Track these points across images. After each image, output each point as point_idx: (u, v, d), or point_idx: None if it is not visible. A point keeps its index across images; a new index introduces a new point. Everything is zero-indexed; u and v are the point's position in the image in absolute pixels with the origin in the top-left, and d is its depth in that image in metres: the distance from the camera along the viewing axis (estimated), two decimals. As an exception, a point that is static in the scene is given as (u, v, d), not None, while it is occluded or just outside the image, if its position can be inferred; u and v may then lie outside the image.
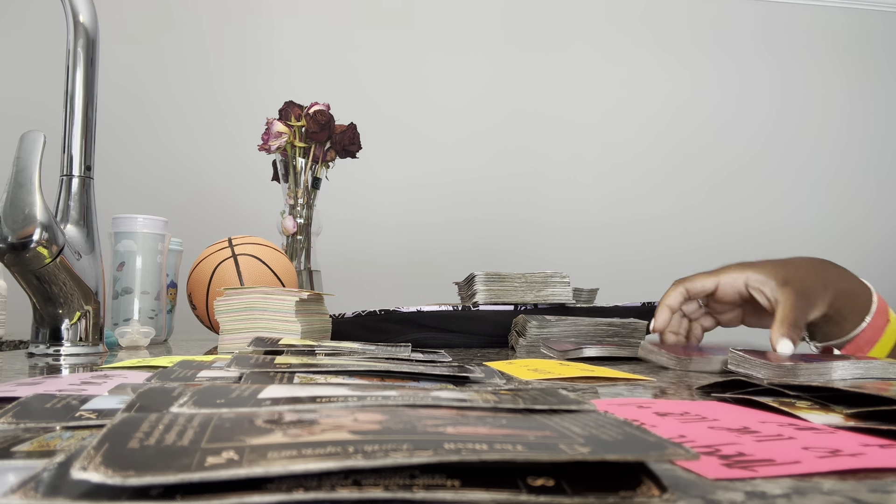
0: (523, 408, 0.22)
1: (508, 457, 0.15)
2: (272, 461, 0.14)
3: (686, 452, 0.16)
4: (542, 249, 1.83)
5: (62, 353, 0.64)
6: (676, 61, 1.93)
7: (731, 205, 1.92)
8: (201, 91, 1.73)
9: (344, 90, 1.76)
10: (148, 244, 0.88)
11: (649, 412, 0.29)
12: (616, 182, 1.88)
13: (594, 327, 0.78)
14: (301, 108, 1.16)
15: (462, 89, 1.83)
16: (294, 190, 1.15)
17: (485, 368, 0.44)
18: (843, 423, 0.27)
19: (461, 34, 1.84)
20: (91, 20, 0.68)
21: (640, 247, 1.87)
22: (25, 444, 0.20)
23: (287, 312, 0.68)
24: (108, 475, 0.13)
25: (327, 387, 0.27)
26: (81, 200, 0.67)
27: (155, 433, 0.17)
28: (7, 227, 0.57)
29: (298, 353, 0.46)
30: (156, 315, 0.89)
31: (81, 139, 0.68)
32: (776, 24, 1.98)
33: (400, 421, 0.19)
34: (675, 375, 0.50)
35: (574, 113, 1.87)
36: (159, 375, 0.34)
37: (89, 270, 0.66)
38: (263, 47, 1.76)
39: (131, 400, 0.23)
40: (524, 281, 0.93)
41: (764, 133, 1.95)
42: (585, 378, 0.46)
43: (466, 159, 1.82)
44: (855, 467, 0.20)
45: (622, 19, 1.92)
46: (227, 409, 0.21)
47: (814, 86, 1.98)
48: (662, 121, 1.91)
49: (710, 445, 0.22)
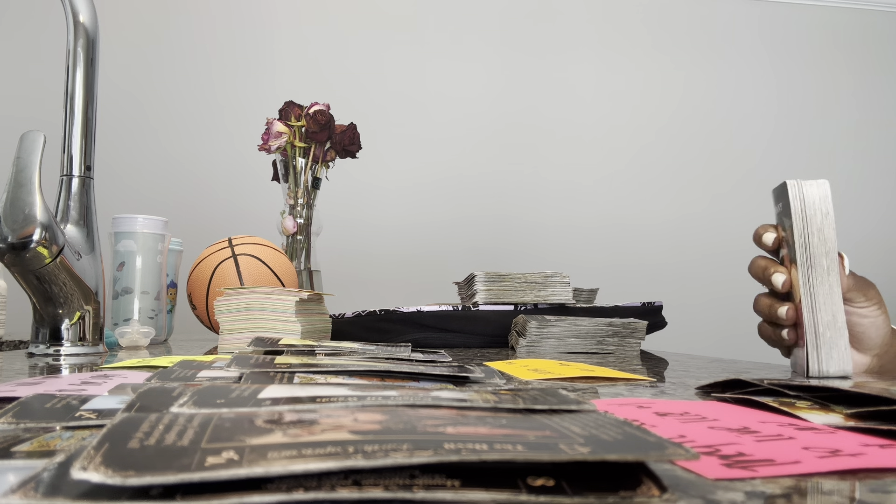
0: (523, 408, 0.22)
1: (508, 457, 0.15)
2: (272, 461, 0.14)
3: (686, 452, 0.16)
4: (542, 250, 1.83)
5: (62, 353, 0.64)
6: (676, 62, 1.93)
7: (731, 205, 1.92)
8: (201, 91, 1.73)
9: (344, 90, 1.77)
10: (148, 244, 0.88)
11: (649, 412, 0.29)
12: (616, 182, 1.88)
13: (594, 327, 0.78)
14: (301, 108, 1.16)
15: (462, 90, 1.83)
16: (294, 190, 1.15)
17: (485, 368, 0.44)
18: (843, 423, 0.27)
19: (461, 35, 1.84)
20: (91, 20, 0.68)
21: (640, 247, 1.87)
22: (25, 444, 0.20)
23: (287, 312, 0.68)
24: (108, 475, 0.13)
25: (327, 387, 0.27)
26: (81, 200, 0.67)
27: (155, 433, 0.17)
28: (7, 227, 0.57)
29: (298, 353, 0.46)
30: (156, 315, 0.89)
31: (81, 139, 0.68)
32: (775, 25, 1.98)
33: (400, 421, 0.19)
34: (675, 375, 0.50)
35: (574, 113, 1.87)
36: (159, 375, 0.34)
37: (89, 270, 0.66)
38: (264, 48, 1.76)
39: (131, 400, 0.23)
40: (524, 281, 0.93)
41: (764, 134, 1.95)
42: (585, 378, 0.46)
43: (466, 159, 1.82)
44: (855, 467, 0.20)
45: (622, 20, 1.92)
46: (227, 409, 0.21)
47: (814, 86, 1.98)
48: (662, 121, 1.91)
49: (710, 445, 0.22)
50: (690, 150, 1.92)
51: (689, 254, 1.89)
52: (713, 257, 1.90)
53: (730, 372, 0.52)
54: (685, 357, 0.71)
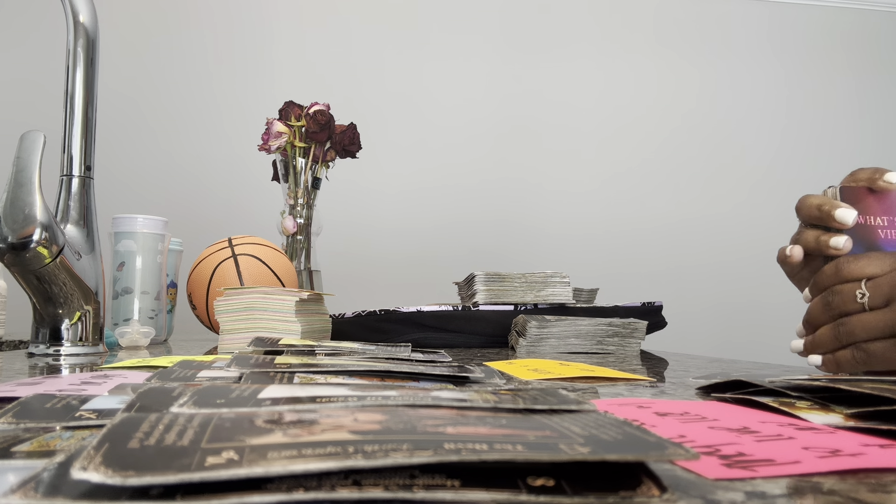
0: (523, 408, 0.22)
1: (508, 457, 0.15)
2: (272, 461, 0.14)
3: (686, 452, 0.16)
4: (543, 250, 1.83)
5: (62, 353, 0.64)
6: (677, 62, 1.93)
7: (732, 206, 1.92)
8: (201, 91, 1.73)
9: (344, 91, 1.77)
10: (148, 244, 0.88)
11: (649, 412, 0.29)
12: (616, 183, 1.88)
13: (594, 327, 0.78)
14: (301, 108, 1.16)
15: (462, 90, 1.83)
16: (294, 190, 1.15)
17: (485, 368, 0.44)
18: (843, 423, 0.27)
19: (461, 35, 1.84)
20: (91, 20, 0.68)
21: (639, 247, 1.87)
22: (25, 444, 0.20)
23: (287, 312, 0.68)
24: (108, 475, 0.13)
25: (327, 387, 0.27)
26: (81, 200, 0.67)
27: (155, 433, 0.17)
28: (7, 227, 0.57)
29: (298, 353, 0.46)
30: (156, 315, 0.89)
31: (81, 139, 0.68)
32: (775, 25, 1.98)
33: (400, 421, 0.19)
34: (674, 375, 0.50)
35: (574, 114, 1.87)
36: (159, 375, 0.34)
37: (89, 270, 0.66)
38: (264, 48, 1.76)
39: (131, 400, 0.23)
40: (524, 281, 0.93)
41: (766, 135, 1.95)
42: (585, 378, 0.46)
43: (466, 159, 1.82)
44: (855, 467, 0.20)
45: (622, 21, 1.92)
46: (227, 409, 0.21)
47: (814, 86, 1.98)
48: (663, 123, 1.91)
49: (710, 445, 0.22)
50: (692, 150, 1.92)
51: (689, 254, 1.89)
52: (713, 257, 1.90)
53: (729, 372, 0.52)
54: (685, 357, 0.71)
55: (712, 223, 1.91)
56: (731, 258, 1.90)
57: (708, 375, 0.41)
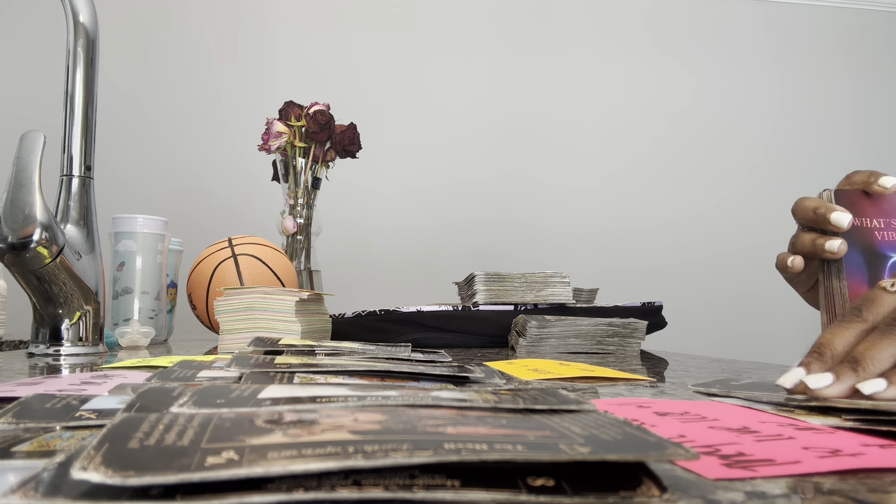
0: (523, 408, 0.22)
1: (508, 457, 0.15)
2: (272, 461, 0.14)
3: (686, 452, 0.16)
4: (543, 250, 1.83)
5: (62, 353, 0.64)
6: (676, 62, 1.93)
7: (732, 206, 1.92)
8: (202, 91, 1.73)
9: (344, 91, 1.77)
10: (148, 244, 0.88)
11: (649, 412, 0.29)
12: (616, 182, 1.88)
13: (594, 327, 0.78)
14: (301, 108, 1.16)
15: (462, 90, 1.83)
16: (294, 190, 1.15)
17: (485, 368, 0.44)
18: (843, 423, 0.27)
19: (460, 36, 1.84)
20: (91, 20, 0.68)
21: (640, 247, 1.87)
22: (25, 444, 0.20)
23: (287, 312, 0.68)
24: (108, 475, 0.13)
25: (327, 387, 0.27)
26: (81, 200, 0.67)
27: (155, 433, 0.17)
28: (7, 227, 0.57)
29: (298, 353, 0.46)
30: (156, 315, 0.89)
31: (81, 139, 0.68)
32: (776, 25, 1.98)
33: (400, 421, 0.19)
34: (674, 375, 0.50)
35: (574, 114, 1.87)
36: (159, 375, 0.34)
37: (89, 270, 0.66)
38: (264, 48, 1.76)
39: (131, 400, 0.23)
40: (524, 281, 0.93)
41: (765, 135, 1.95)
42: (585, 378, 0.46)
43: (466, 160, 1.82)
44: (855, 467, 0.20)
45: (621, 20, 1.92)
46: (227, 409, 0.21)
47: (815, 87, 1.98)
48: (662, 121, 1.91)
49: (710, 445, 0.22)
50: (692, 150, 1.92)
51: (689, 254, 1.89)
52: (713, 257, 1.90)
53: (729, 372, 0.52)
54: (685, 357, 0.71)
55: (712, 222, 1.91)
56: (731, 258, 1.90)
57: (707, 384, 0.41)
